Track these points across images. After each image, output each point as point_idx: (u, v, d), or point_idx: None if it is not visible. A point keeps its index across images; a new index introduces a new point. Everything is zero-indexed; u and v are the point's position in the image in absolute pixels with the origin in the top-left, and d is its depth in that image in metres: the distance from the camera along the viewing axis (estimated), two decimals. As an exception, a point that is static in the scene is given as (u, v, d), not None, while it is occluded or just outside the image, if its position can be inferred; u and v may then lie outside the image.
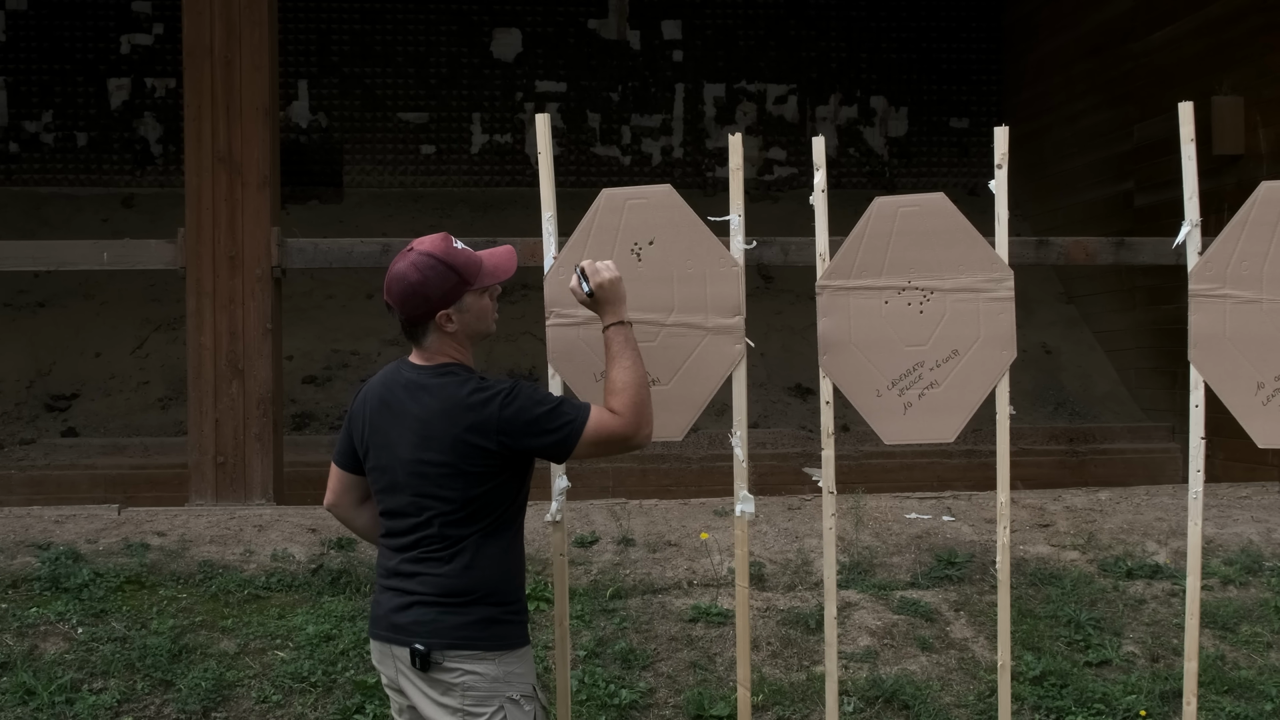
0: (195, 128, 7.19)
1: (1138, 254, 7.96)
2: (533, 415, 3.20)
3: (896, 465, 9.10)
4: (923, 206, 3.94)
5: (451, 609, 3.21)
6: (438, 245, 3.30)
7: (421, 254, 3.28)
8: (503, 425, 3.18)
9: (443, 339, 3.31)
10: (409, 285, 3.25)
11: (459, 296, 3.29)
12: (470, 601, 3.22)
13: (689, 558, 6.05)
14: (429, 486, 3.23)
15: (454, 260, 3.28)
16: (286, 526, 6.29)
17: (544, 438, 3.22)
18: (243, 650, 5.26)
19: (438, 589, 3.23)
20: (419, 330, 3.31)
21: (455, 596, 3.22)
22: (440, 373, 3.29)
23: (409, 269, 3.26)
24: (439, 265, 3.26)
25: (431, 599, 3.23)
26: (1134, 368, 10.57)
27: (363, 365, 10.33)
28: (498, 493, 3.27)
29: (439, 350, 3.32)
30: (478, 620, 3.22)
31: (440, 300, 3.26)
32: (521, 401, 3.21)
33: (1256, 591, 5.86)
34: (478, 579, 3.24)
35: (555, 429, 3.22)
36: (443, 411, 3.22)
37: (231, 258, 7.11)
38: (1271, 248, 3.76)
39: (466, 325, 3.33)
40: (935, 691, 5.16)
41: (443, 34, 12.89)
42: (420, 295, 3.25)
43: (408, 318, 3.30)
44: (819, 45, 13.27)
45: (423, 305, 3.26)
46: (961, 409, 3.91)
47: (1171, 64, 9.90)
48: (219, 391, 7.08)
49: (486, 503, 3.25)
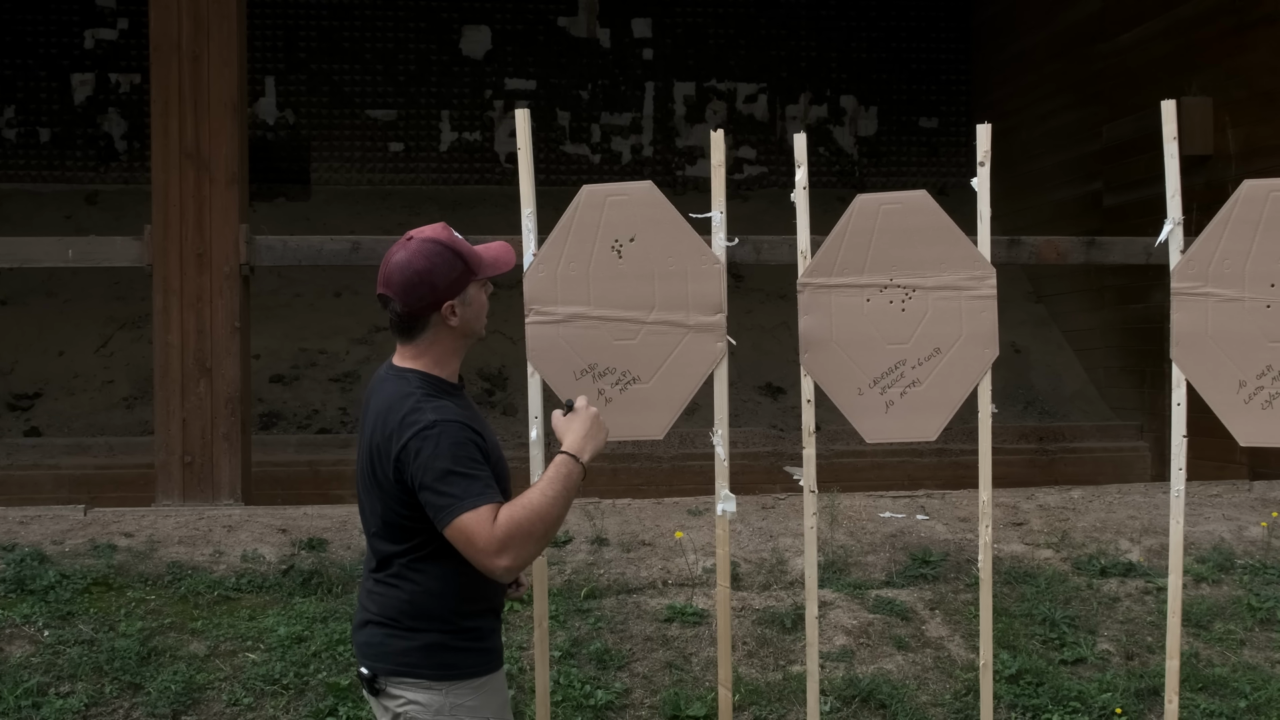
0: (162, 124, 7.11)
1: (1108, 253, 7.99)
2: (435, 466, 2.89)
3: (867, 464, 9.09)
4: (905, 204, 3.92)
5: (399, 632, 3.01)
6: (441, 233, 3.08)
7: (426, 240, 3.05)
8: (403, 454, 2.92)
9: (439, 336, 3.07)
10: (415, 273, 3.00)
11: (464, 286, 3.06)
12: (416, 626, 3.01)
13: (663, 557, 6.01)
14: (365, 496, 3.09)
15: (460, 247, 3.07)
16: (256, 527, 6.22)
17: (427, 494, 2.90)
18: (213, 652, 5.19)
19: (386, 609, 3.03)
20: (418, 325, 3.06)
21: (402, 619, 3.01)
22: (398, 375, 3.07)
23: (415, 256, 3.02)
24: (446, 252, 3.04)
25: (380, 619, 3.04)
26: (1103, 367, 10.62)
27: (331, 364, 10.26)
28: (421, 516, 2.96)
29: (428, 349, 3.08)
30: (423, 646, 3.00)
31: (447, 289, 3.03)
32: (433, 446, 2.91)
33: (1229, 589, 5.88)
34: (424, 602, 3.01)
35: (441, 493, 2.88)
36: (378, 413, 3.03)
37: (199, 255, 7.03)
38: (1254, 246, 3.75)
39: (467, 320, 3.10)
40: (912, 690, 5.15)
41: (411, 31, 12.82)
42: (428, 283, 3.00)
43: (410, 310, 3.03)
44: (789, 44, 13.27)
45: (429, 295, 3.01)
46: (943, 407, 3.89)
47: (1140, 65, 9.94)
48: (186, 390, 6.99)
49: (411, 521, 2.99)
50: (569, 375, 3.83)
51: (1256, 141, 8.58)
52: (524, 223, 3.90)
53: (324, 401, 9.90)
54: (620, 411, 3.80)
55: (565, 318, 3.80)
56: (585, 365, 3.82)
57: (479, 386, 10.01)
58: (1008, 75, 12.46)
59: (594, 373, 3.81)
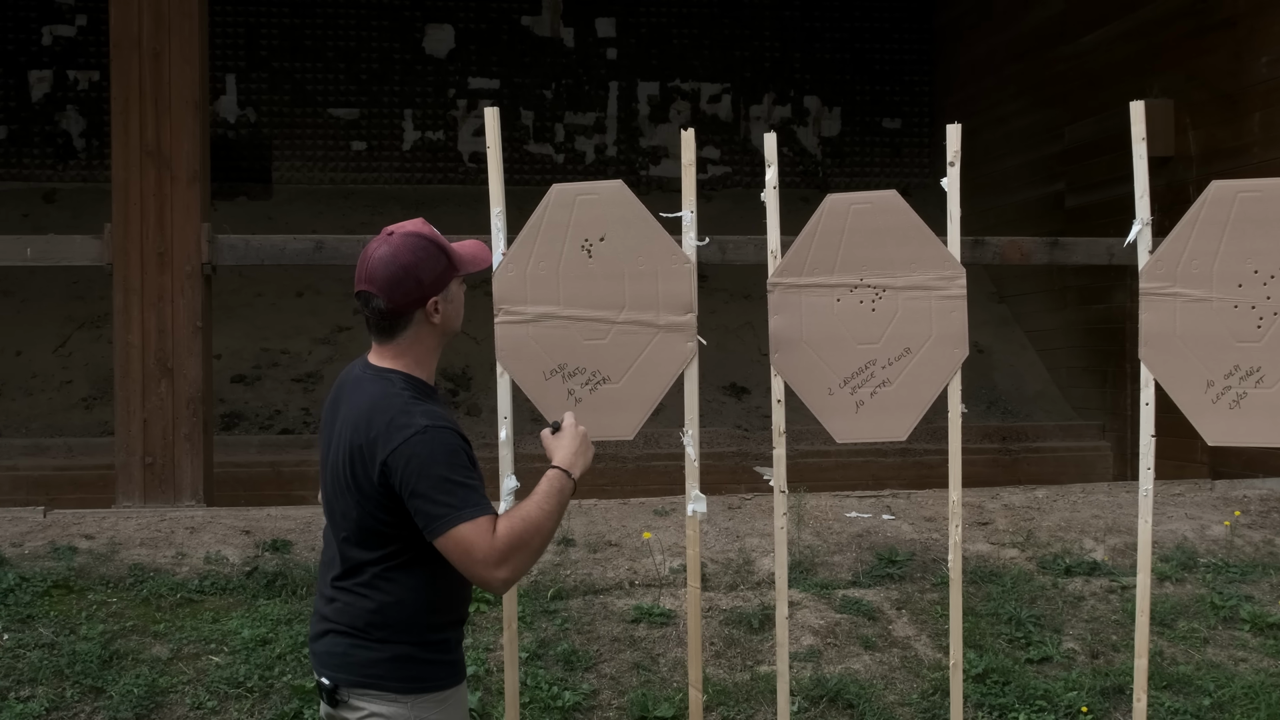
0: (122, 121, 7.03)
1: (1071, 254, 8.03)
2: (430, 473, 2.80)
3: (832, 464, 9.11)
4: (875, 204, 3.92)
5: (364, 642, 2.91)
6: (423, 227, 3.00)
7: (410, 235, 2.96)
8: (393, 458, 2.82)
9: (420, 334, 3.00)
10: (401, 267, 2.91)
11: (448, 282, 3.00)
12: (384, 637, 2.91)
13: (630, 558, 5.99)
14: (336, 501, 2.97)
15: (442, 242, 3.00)
16: (219, 528, 6.16)
17: (418, 502, 2.81)
18: (176, 655, 5.13)
19: (351, 618, 2.93)
20: (400, 322, 2.97)
21: (369, 629, 2.92)
22: (380, 376, 2.97)
23: (400, 251, 2.93)
24: (431, 246, 2.96)
25: (344, 629, 2.94)
26: (1065, 367, 10.68)
27: (293, 364, 10.18)
28: (397, 523, 2.89)
29: (408, 348, 3.00)
30: (390, 658, 2.91)
31: (432, 284, 2.95)
32: (429, 452, 2.82)
33: (1192, 588, 5.92)
34: (394, 612, 2.91)
35: (436, 502, 2.80)
36: (357, 416, 2.91)
37: (160, 254, 6.96)
38: (1221, 246, 3.77)
39: (448, 317, 3.03)
40: (879, 690, 5.15)
41: (374, 29, 12.75)
42: (414, 278, 2.92)
43: (395, 306, 2.93)
44: (753, 44, 13.28)
45: (415, 290, 2.92)
46: (914, 407, 3.90)
47: (1101, 67, 10.01)
48: (147, 391, 6.92)
49: (385, 529, 2.91)
50: (538, 375, 3.81)
51: (1216, 143, 8.65)
52: (493, 222, 3.87)
53: (286, 402, 9.82)
54: (590, 412, 3.78)
55: (535, 317, 3.78)
56: (555, 365, 3.80)
57: (443, 387, 9.96)
58: (970, 77, 12.51)
59: (564, 373, 3.79)
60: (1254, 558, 6.21)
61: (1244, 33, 8.42)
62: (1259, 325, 3.76)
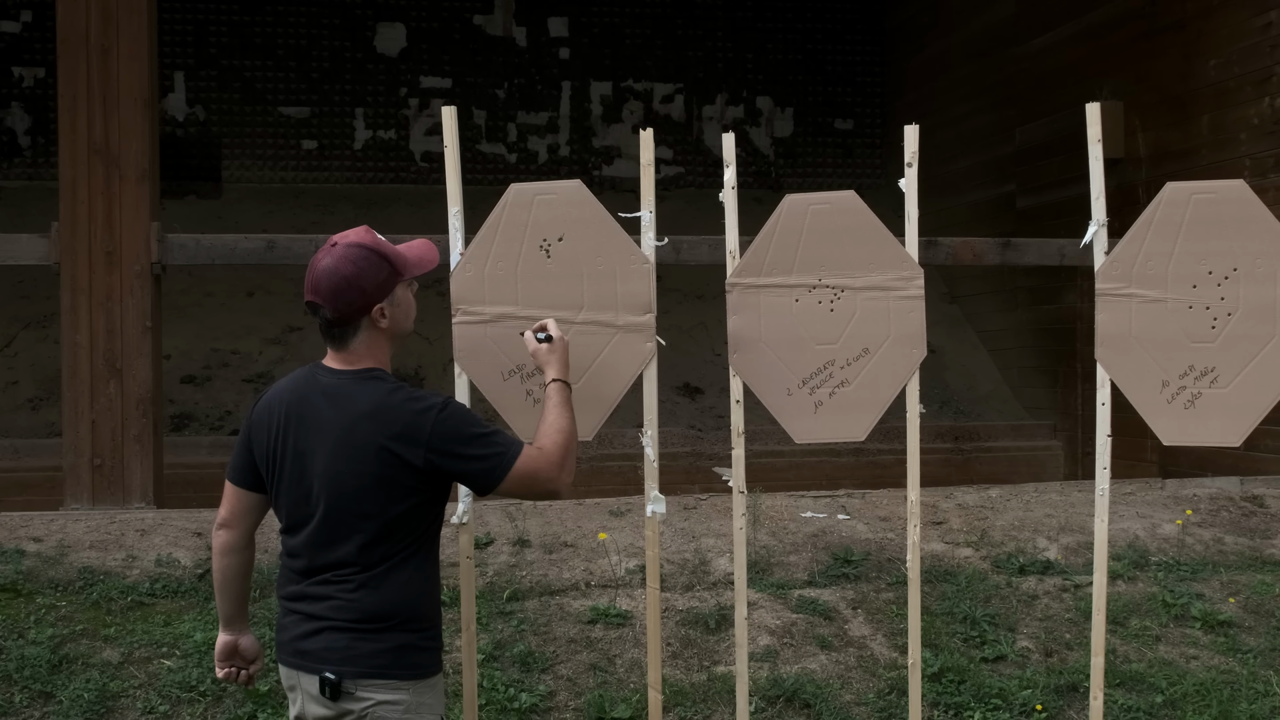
0: (70, 119, 6.93)
1: (1023, 254, 8.08)
2: (466, 434, 3.03)
3: (785, 464, 9.13)
4: (833, 204, 3.92)
5: (366, 635, 3.02)
6: (365, 237, 3.11)
7: (351, 245, 3.07)
8: (433, 440, 3.00)
9: (371, 338, 3.11)
10: (343, 279, 3.03)
11: (392, 288, 3.10)
12: (386, 628, 3.04)
13: (586, 558, 5.98)
14: (347, 501, 3.03)
15: (385, 250, 3.09)
16: (170, 530, 6.09)
17: (473, 463, 3.04)
18: (127, 659, 5.06)
19: (352, 613, 3.03)
20: (348, 330, 3.09)
21: (370, 622, 3.03)
22: (365, 377, 3.08)
23: (341, 262, 3.04)
24: (372, 255, 3.06)
25: (344, 624, 3.03)
26: (1016, 367, 10.76)
27: (244, 365, 10.09)
28: (418, 512, 3.08)
29: (365, 353, 3.11)
30: (393, 648, 3.04)
31: (375, 293, 3.06)
32: (456, 418, 3.04)
33: (1144, 586, 5.97)
34: (395, 603, 3.05)
35: (486, 455, 3.04)
36: (368, 417, 3.02)
37: (109, 253, 6.87)
38: (1176, 247, 3.80)
39: (396, 321, 3.15)
40: (836, 690, 5.16)
41: (325, 27, 12.67)
42: (356, 288, 3.03)
43: (340, 315, 3.06)
44: (705, 45, 13.30)
45: (359, 299, 3.04)
46: (872, 407, 3.90)
47: (1052, 69, 10.09)
48: (95, 391, 6.83)
49: (406, 521, 3.06)
50: (497, 376, 3.79)
51: (1166, 145, 8.74)
52: (450, 221, 3.84)
53: (237, 402, 9.73)
54: (549, 412, 3.75)
55: (493, 318, 3.76)
56: (513, 366, 3.78)
57: (395, 387, 9.89)
58: (922, 78, 12.59)
59: (522, 373, 3.77)
60: (1204, 556, 6.27)
61: (1193, 36, 8.51)
62: (1213, 326, 3.79)
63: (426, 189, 12.39)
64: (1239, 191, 3.81)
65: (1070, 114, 9.42)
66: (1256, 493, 6.94)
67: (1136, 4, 9.08)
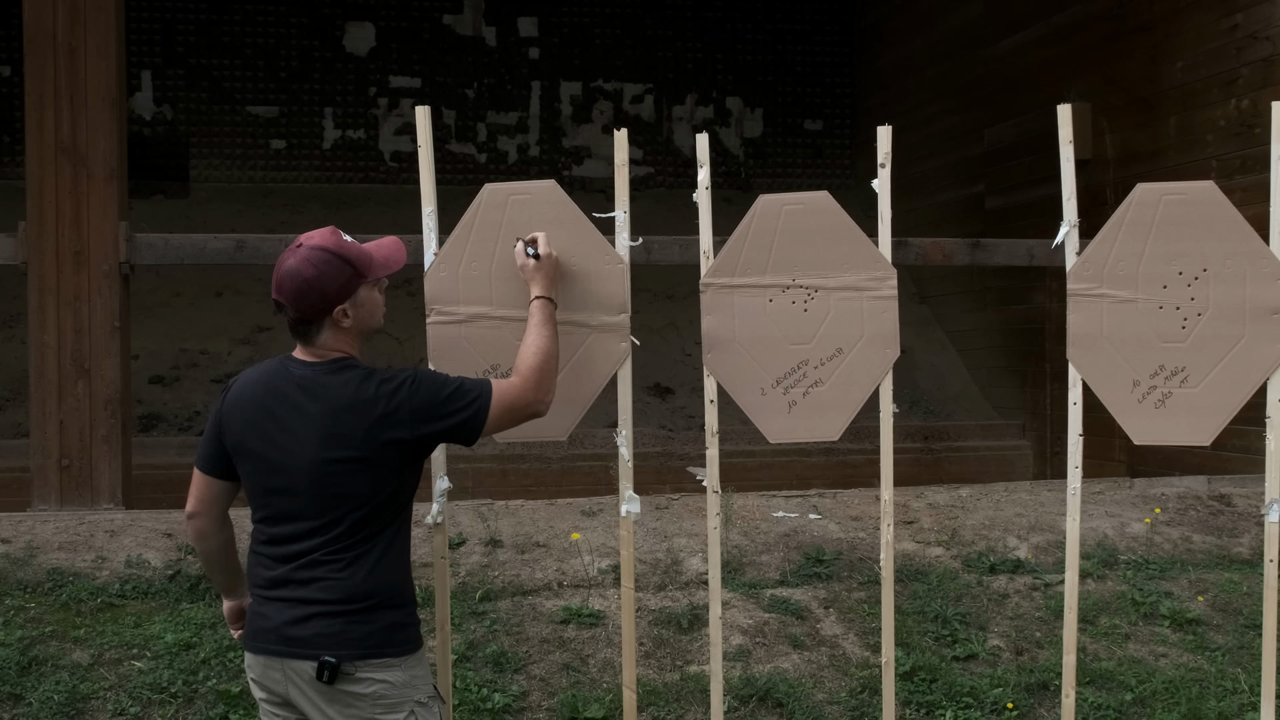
0: (37, 118, 6.89)
1: (992, 255, 8.11)
2: (441, 397, 3.16)
3: (756, 464, 9.15)
4: (807, 205, 3.93)
5: (357, 617, 3.10)
6: (329, 239, 3.17)
7: (314, 248, 3.14)
8: (415, 412, 3.12)
9: (336, 335, 3.19)
10: (304, 281, 3.11)
11: (354, 290, 3.18)
12: (373, 606, 3.12)
13: (558, 559, 5.97)
14: (336, 487, 3.10)
15: (347, 253, 3.17)
16: (140, 531, 6.05)
17: (454, 418, 3.17)
18: (97, 661, 5.03)
19: (340, 594, 3.10)
20: (312, 328, 3.18)
21: (358, 602, 3.10)
22: (338, 367, 3.18)
23: (303, 265, 3.12)
24: (334, 259, 3.14)
25: (335, 608, 3.09)
26: (985, 367, 10.81)
27: (213, 365, 10.04)
28: (402, 489, 3.20)
29: (331, 346, 3.20)
30: (385, 626, 3.14)
31: (336, 295, 3.14)
32: (427, 386, 3.16)
33: (1113, 584, 6.01)
34: (379, 582, 3.14)
35: (464, 407, 3.18)
36: (350, 406, 3.10)
37: (76, 253, 6.82)
38: (1146, 248, 3.83)
39: (360, 320, 3.23)
40: (808, 689, 5.17)
41: (293, 26, 12.62)
42: (317, 291, 3.12)
43: (302, 315, 3.15)
44: (675, 45, 13.31)
45: (319, 301, 3.13)
46: (846, 407, 3.92)
47: (1020, 71, 10.14)
48: (63, 392, 6.79)
49: (393, 500, 3.17)
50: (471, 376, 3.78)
51: (1133, 146, 8.80)
52: (425, 221, 3.83)
53: (205, 403, 9.68)
54: (523, 412, 3.75)
55: (467, 318, 3.75)
56: (488, 366, 3.78)
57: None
58: (891, 79, 12.63)
59: (497, 373, 3.76)
60: (1172, 554, 6.32)
61: (1160, 38, 8.57)
62: (1183, 326, 3.83)
63: (396, 189, 12.36)
64: (1209, 193, 3.84)
65: (1039, 115, 9.49)
66: (1224, 492, 7.00)
67: (1104, 6, 9.14)
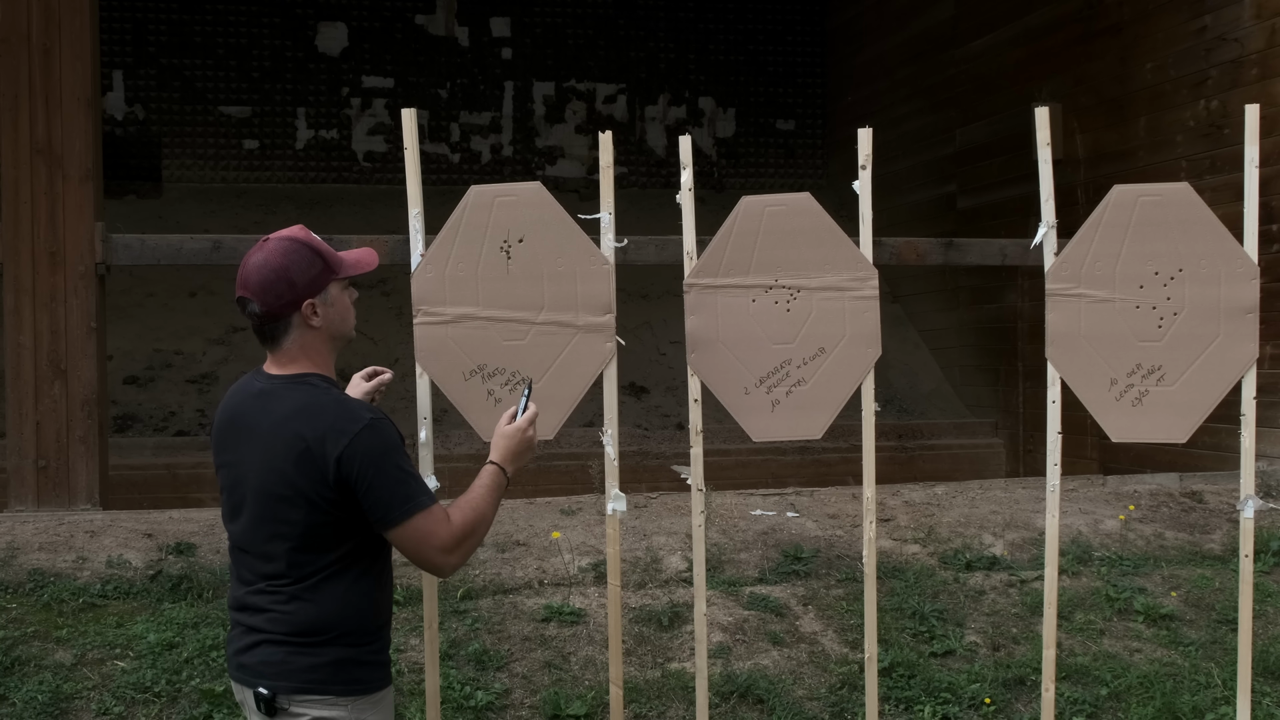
0: (11, 118, 6.87)
1: (965, 254, 8.19)
2: (385, 462, 2.86)
3: (732, 463, 9.20)
4: (789, 206, 3.98)
5: (302, 649, 2.90)
6: (298, 232, 3.03)
7: (283, 239, 3.00)
8: (350, 451, 2.83)
9: (305, 339, 3.00)
10: (272, 270, 2.93)
11: (325, 284, 2.99)
12: (323, 641, 2.91)
13: (539, 557, 6.00)
14: (273, 509, 2.90)
15: (318, 245, 3.02)
16: (120, 532, 6.05)
17: (378, 492, 2.85)
18: (80, 661, 5.03)
19: (287, 626, 2.91)
20: (279, 327, 2.98)
21: (306, 635, 2.90)
22: (295, 382, 2.97)
23: (271, 255, 2.95)
24: (303, 248, 2.98)
25: (280, 637, 2.91)
26: (958, 365, 10.89)
27: (187, 365, 10.02)
28: (344, 526, 2.91)
29: (300, 354, 3.00)
30: (330, 662, 2.91)
31: (306, 287, 2.96)
32: (382, 443, 2.88)
33: (1088, 580, 6.08)
34: (332, 616, 2.91)
35: (393, 493, 2.86)
36: (289, 422, 2.89)
37: (52, 254, 6.81)
38: (1123, 249, 3.89)
39: (330, 321, 3.03)
40: (788, 685, 5.22)
41: (265, 26, 12.59)
42: (285, 280, 2.93)
43: (269, 310, 2.95)
44: (647, 45, 13.35)
45: (288, 293, 2.94)
46: (828, 406, 3.96)
47: (991, 71, 10.22)
48: (40, 393, 6.77)
49: (336, 531, 2.91)
50: (458, 376, 3.81)
51: (1103, 147, 8.89)
52: (411, 223, 3.86)
53: (181, 403, 9.66)
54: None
55: (454, 318, 3.78)
56: (474, 366, 3.80)
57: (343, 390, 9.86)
58: (863, 79, 12.70)
59: (483, 373, 3.79)
60: (1146, 551, 6.40)
61: (1129, 39, 8.66)
62: (1160, 325, 3.89)
63: (369, 189, 12.36)
64: (1184, 194, 3.91)
65: (1010, 115, 9.57)
66: (1195, 488, 7.09)
67: (1074, 7, 9.23)
